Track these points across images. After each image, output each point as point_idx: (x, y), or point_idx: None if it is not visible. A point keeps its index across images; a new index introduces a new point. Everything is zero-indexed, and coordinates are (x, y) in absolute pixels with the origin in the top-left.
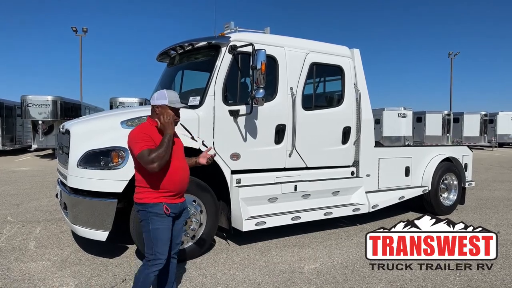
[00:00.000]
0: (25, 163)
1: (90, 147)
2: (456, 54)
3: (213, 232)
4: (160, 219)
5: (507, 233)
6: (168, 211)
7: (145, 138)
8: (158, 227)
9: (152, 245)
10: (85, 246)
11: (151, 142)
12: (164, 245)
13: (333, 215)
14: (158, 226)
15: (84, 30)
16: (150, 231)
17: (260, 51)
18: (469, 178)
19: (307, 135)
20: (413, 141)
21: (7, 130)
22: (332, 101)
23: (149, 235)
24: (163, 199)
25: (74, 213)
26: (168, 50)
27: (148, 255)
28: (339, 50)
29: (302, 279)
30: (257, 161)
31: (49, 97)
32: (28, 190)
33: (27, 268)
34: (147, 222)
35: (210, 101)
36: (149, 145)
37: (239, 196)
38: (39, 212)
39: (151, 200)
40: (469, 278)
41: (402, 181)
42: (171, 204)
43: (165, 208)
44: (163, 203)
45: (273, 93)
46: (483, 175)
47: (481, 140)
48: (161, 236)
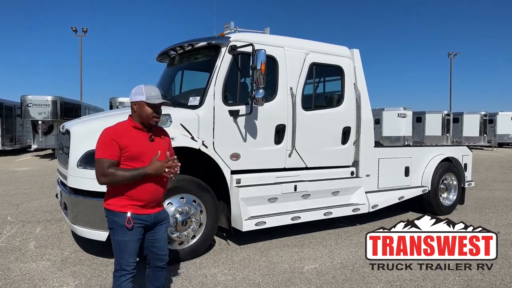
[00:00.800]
0: (25, 163)
1: (90, 147)
2: (456, 54)
3: (213, 232)
4: (124, 231)
5: (506, 233)
6: (131, 224)
7: (111, 146)
8: (124, 239)
9: (117, 256)
10: (85, 246)
11: (115, 152)
12: (130, 257)
13: (333, 215)
14: (123, 238)
15: (84, 30)
16: (115, 241)
17: (260, 51)
18: (469, 178)
19: (307, 135)
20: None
21: (7, 130)
22: (332, 101)
23: (114, 244)
24: (130, 208)
25: (74, 213)
26: (168, 50)
27: (115, 264)
28: (339, 50)
29: (302, 279)
30: (257, 161)
31: (49, 97)
32: (28, 190)
33: (27, 268)
34: (113, 231)
35: (210, 101)
36: (112, 155)
37: (239, 196)
38: (39, 212)
39: (117, 208)
40: (468, 278)
41: (402, 181)
42: (139, 215)
43: (127, 221)
44: (127, 214)
45: (273, 93)
46: (482, 175)
47: (480, 140)
48: (126, 248)
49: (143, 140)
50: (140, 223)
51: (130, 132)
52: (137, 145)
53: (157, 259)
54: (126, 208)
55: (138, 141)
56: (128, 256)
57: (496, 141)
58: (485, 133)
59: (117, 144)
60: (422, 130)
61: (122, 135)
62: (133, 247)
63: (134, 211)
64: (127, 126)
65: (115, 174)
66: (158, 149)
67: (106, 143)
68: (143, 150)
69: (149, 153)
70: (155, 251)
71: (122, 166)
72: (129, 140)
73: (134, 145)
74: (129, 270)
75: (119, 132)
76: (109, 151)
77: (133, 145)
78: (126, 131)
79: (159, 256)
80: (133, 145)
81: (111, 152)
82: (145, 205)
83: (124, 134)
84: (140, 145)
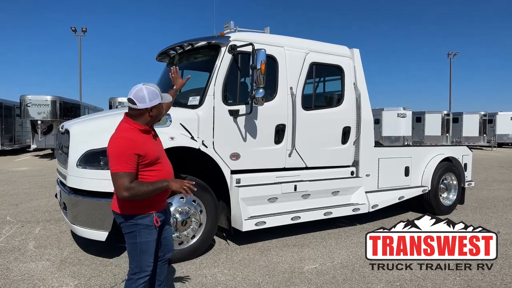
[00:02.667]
0: (24, 163)
1: (90, 147)
2: (455, 54)
3: (213, 232)
4: (150, 231)
5: (506, 233)
6: (158, 223)
7: (131, 160)
8: (148, 240)
9: (138, 258)
10: (85, 246)
11: (134, 165)
12: (150, 257)
13: (333, 215)
14: (148, 239)
15: (83, 30)
16: (137, 244)
17: (260, 50)
18: (469, 178)
19: (307, 135)
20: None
21: (6, 130)
22: (332, 101)
23: (135, 247)
24: (155, 208)
25: (73, 213)
26: (167, 50)
27: (133, 267)
28: (339, 50)
29: (302, 279)
30: (257, 161)
31: (48, 97)
32: (27, 190)
33: (27, 268)
34: (134, 234)
35: (209, 101)
36: (132, 168)
37: (239, 196)
38: (39, 212)
39: (141, 211)
40: (468, 278)
41: (401, 181)
42: (161, 211)
43: (155, 220)
44: (153, 214)
45: (273, 93)
46: (482, 175)
47: (480, 140)
48: (149, 248)
49: (153, 143)
50: (161, 220)
51: (143, 139)
52: (154, 150)
53: (168, 250)
54: (151, 208)
55: (152, 146)
56: (149, 257)
57: (495, 141)
58: (485, 133)
59: (137, 156)
60: (422, 130)
61: (140, 145)
62: (153, 247)
63: (157, 209)
64: (137, 133)
65: (139, 190)
66: (161, 146)
67: (126, 156)
68: (158, 153)
69: (160, 153)
70: (165, 243)
71: (141, 173)
72: (147, 147)
73: (152, 151)
74: (148, 271)
75: (136, 142)
76: (130, 165)
77: (152, 152)
78: (140, 138)
79: (169, 247)
80: (152, 152)
81: (131, 165)
82: (163, 201)
83: (140, 143)
84: (155, 149)
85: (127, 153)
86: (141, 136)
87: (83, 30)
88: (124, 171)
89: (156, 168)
